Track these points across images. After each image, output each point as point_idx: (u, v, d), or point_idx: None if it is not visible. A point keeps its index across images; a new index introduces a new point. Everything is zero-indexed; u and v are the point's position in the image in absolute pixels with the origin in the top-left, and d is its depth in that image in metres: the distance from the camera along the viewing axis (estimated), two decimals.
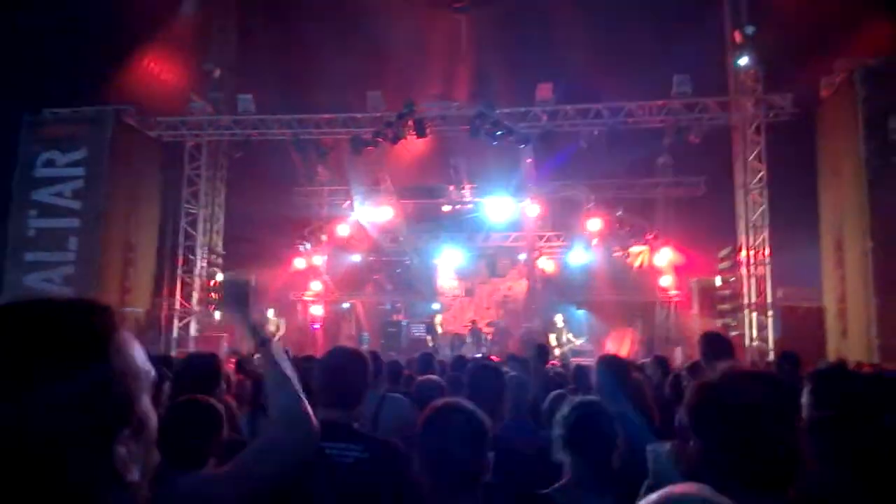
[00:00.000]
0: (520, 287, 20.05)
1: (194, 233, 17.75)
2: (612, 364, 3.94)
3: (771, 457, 1.50)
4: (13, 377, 0.80)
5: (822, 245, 14.19)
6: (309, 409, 1.79)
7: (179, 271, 17.47)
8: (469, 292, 20.48)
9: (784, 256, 15.40)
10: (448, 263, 20.19)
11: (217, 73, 17.73)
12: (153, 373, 0.96)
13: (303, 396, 1.80)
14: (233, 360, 6.20)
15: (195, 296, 17.54)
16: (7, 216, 15.23)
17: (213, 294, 17.76)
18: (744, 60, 15.64)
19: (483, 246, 19.93)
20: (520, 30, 17.04)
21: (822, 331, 13.56)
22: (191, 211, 17.77)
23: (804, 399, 2.84)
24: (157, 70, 16.70)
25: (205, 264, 17.85)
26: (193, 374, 3.50)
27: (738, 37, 15.55)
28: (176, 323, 17.07)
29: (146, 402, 0.93)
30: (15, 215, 15.26)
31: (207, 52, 17.83)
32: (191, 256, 17.69)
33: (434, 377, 4.53)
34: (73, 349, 0.85)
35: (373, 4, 16.32)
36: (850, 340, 12.65)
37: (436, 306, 19.36)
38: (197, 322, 17.44)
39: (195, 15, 17.53)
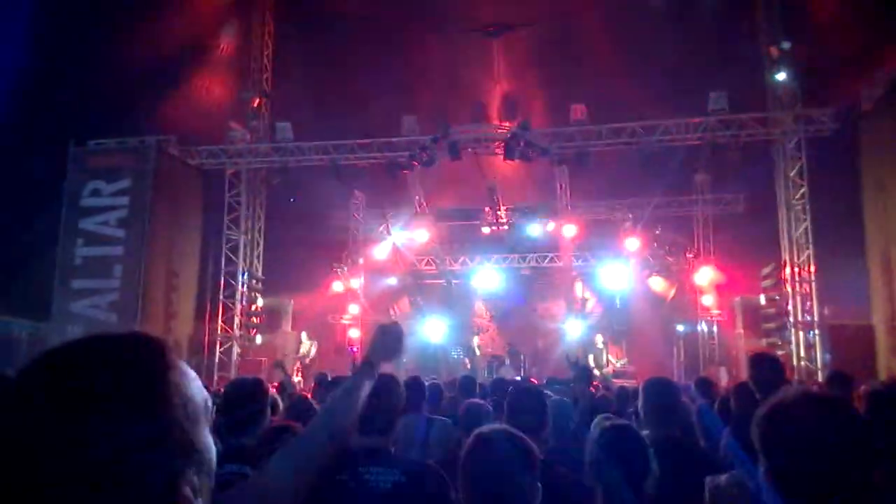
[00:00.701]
0: (558, 307, 19.88)
1: (235, 259, 18.02)
2: (658, 388, 3.82)
3: (843, 484, 1.45)
4: (77, 417, 0.80)
5: (868, 261, 13.81)
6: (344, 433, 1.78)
7: (221, 297, 17.72)
8: (506, 314, 20.37)
9: (829, 273, 15.03)
10: (485, 285, 20.13)
11: (255, 101, 18.11)
12: (210, 402, 0.97)
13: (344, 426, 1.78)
14: (275, 384, 6.27)
15: (236, 320, 17.77)
16: (55, 245, 15.66)
17: (253, 319, 17.98)
18: (781, 75, 15.44)
19: (520, 267, 19.85)
20: (552, 51, 17.07)
21: (871, 349, 13.15)
22: (231, 237, 18.06)
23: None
24: (197, 100, 17.12)
25: (245, 290, 18.09)
26: (240, 400, 3.51)
27: (774, 52, 15.36)
28: (218, 348, 17.29)
29: (206, 434, 0.92)
30: (63, 244, 15.69)
31: (245, 80, 18.25)
32: (231, 282, 17.95)
33: (480, 401, 4.49)
34: (134, 388, 0.85)
35: (407, 30, 16.56)
36: None
37: (473, 327, 19.30)
38: (238, 347, 17.64)
39: (232, 44, 17.98)
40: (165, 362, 0.90)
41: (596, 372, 14.93)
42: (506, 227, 19.50)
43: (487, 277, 19.87)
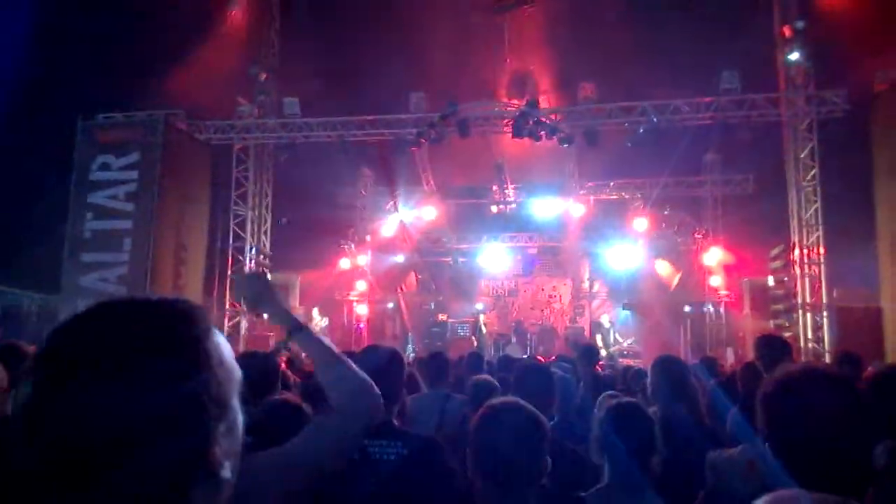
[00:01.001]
0: (565, 287, 19.91)
1: (243, 234, 18.07)
2: (668, 366, 3.82)
3: (848, 460, 1.46)
4: (120, 378, 0.82)
5: (878, 244, 13.73)
6: (367, 377, 1.73)
7: (229, 271, 17.79)
8: (513, 292, 20.41)
9: (839, 256, 14.96)
10: (492, 263, 20.15)
11: (262, 76, 18.02)
12: (240, 372, 0.98)
13: (357, 368, 1.74)
14: (283, 358, 6.29)
15: None
16: (65, 219, 15.73)
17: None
18: (794, 56, 15.24)
19: (527, 245, 19.84)
20: (561, 29, 16.89)
21: (879, 332, 13.12)
22: (239, 213, 18.10)
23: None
24: (205, 74, 17.03)
25: (253, 265, 18.15)
26: (248, 375, 3.52)
27: (787, 31, 15.16)
28: (226, 322, 17.39)
29: (236, 401, 0.95)
30: (72, 218, 15.75)
31: (253, 56, 18.15)
32: (239, 257, 18.02)
33: (488, 377, 4.50)
34: (176, 347, 0.87)
35: (415, 6, 16.40)
36: None
37: (479, 306, 19.35)
38: (246, 321, 17.75)
39: (240, 19, 17.87)
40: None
41: (603, 351, 14.97)
42: (513, 205, 19.46)
43: (494, 256, 19.88)
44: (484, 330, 17.92)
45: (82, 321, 0.89)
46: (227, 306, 17.59)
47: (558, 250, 19.94)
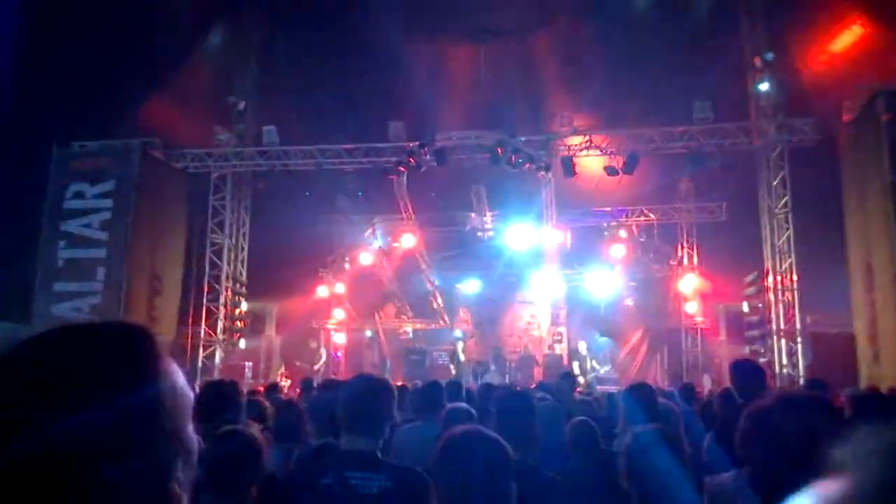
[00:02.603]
0: (543, 314, 19.93)
1: (219, 262, 17.92)
2: (638, 391, 3.88)
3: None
4: (62, 401, 0.78)
5: (850, 270, 13.95)
6: None
7: (204, 301, 17.61)
8: (492, 319, 20.39)
9: (811, 282, 15.19)
10: (470, 290, 20.14)
11: (241, 105, 18.04)
12: (193, 398, 0.95)
13: None
14: (261, 387, 6.23)
15: (220, 325, 17.65)
16: (37, 247, 15.51)
17: (236, 323, 17.89)
18: (764, 86, 15.63)
19: (505, 273, 19.87)
20: (539, 59, 17.17)
21: (852, 357, 13.28)
22: (216, 241, 17.97)
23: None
24: (183, 102, 17.02)
25: (229, 293, 17.99)
26: (210, 403, 3.43)
27: (757, 62, 15.54)
28: (201, 352, 17.16)
29: (190, 428, 0.91)
30: (45, 246, 15.54)
31: (231, 84, 18.18)
32: (216, 286, 17.85)
33: (463, 404, 4.46)
34: (124, 373, 0.83)
35: (394, 36, 16.57)
36: (881, 366, 12.39)
37: (458, 333, 19.29)
38: (221, 351, 17.53)
39: (220, 48, 17.93)
40: (155, 349, 0.89)
41: (581, 379, 14.98)
42: (491, 232, 19.53)
43: (472, 283, 19.88)
44: (462, 358, 17.86)
45: (26, 348, 0.84)
46: (203, 335, 17.37)
47: (536, 278, 19.98)
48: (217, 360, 17.34)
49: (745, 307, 16.39)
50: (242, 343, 17.89)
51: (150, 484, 0.81)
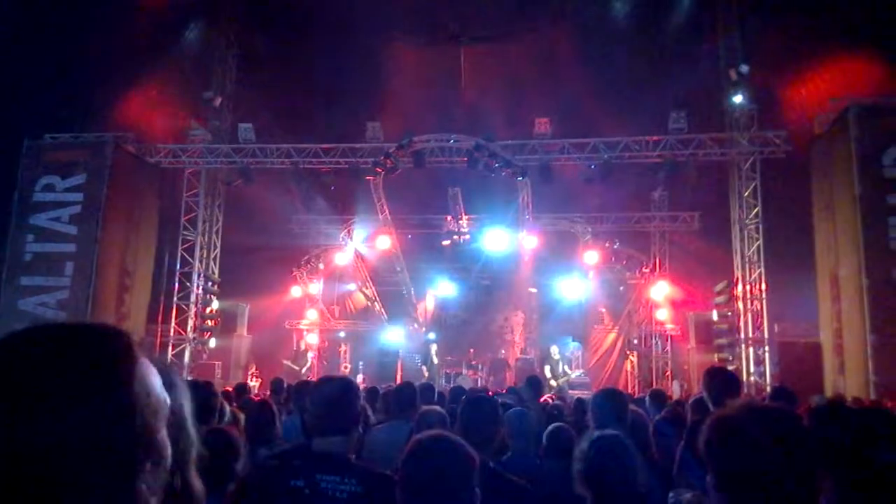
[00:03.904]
0: (516, 318, 20.00)
1: (191, 260, 17.72)
2: (608, 396, 3.89)
3: (786, 492, 1.49)
4: (33, 404, 0.77)
5: (818, 280, 14.23)
6: None
7: (175, 298, 17.40)
8: (466, 322, 20.40)
9: (780, 291, 15.44)
10: (444, 293, 20.15)
11: (217, 101, 17.86)
12: (168, 402, 0.95)
13: None
14: (229, 388, 6.18)
15: (190, 323, 17.45)
16: (4, 240, 15.21)
17: (207, 322, 17.70)
18: (738, 98, 15.87)
19: (480, 276, 19.91)
20: (518, 64, 17.25)
21: (819, 366, 13.53)
22: (188, 238, 17.76)
23: None
24: (158, 98, 16.83)
25: (200, 292, 17.79)
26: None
27: (732, 74, 15.78)
28: (170, 350, 16.95)
29: (164, 433, 0.90)
30: (12, 239, 15.25)
31: (208, 80, 18.01)
32: (186, 284, 17.64)
33: (437, 408, 4.46)
34: (95, 376, 0.82)
35: (372, 38, 16.55)
36: (847, 376, 12.64)
37: (431, 336, 19.27)
38: (191, 350, 17.33)
39: (197, 44, 17.75)
40: (131, 352, 0.88)
41: (553, 383, 15.06)
42: (467, 236, 19.55)
43: (447, 286, 19.90)
44: (436, 360, 17.85)
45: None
46: (172, 333, 17.16)
47: (510, 282, 20.06)
48: (187, 359, 17.13)
49: (715, 315, 16.62)
50: (213, 342, 17.70)
51: (118, 486, 0.81)
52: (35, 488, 0.75)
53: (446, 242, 19.52)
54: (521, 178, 16.04)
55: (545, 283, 19.37)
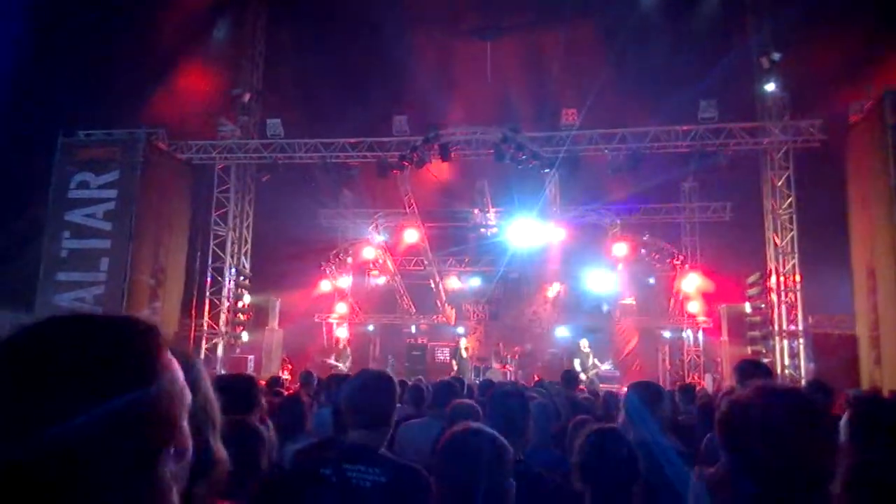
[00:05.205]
0: (545, 311, 19.95)
1: (222, 255, 17.94)
2: (642, 390, 3.84)
3: (802, 472, 1.47)
4: (57, 395, 0.79)
5: (853, 271, 13.94)
6: None
7: (207, 293, 17.64)
8: (494, 316, 20.40)
9: (814, 283, 15.17)
10: (472, 286, 20.17)
11: (246, 97, 18.05)
12: (190, 395, 0.96)
13: None
14: (262, 381, 6.25)
15: (223, 317, 17.69)
16: (41, 236, 15.54)
17: (239, 315, 17.92)
18: (770, 86, 15.58)
19: (508, 269, 19.88)
20: (544, 55, 17.15)
21: (855, 359, 13.28)
22: (219, 233, 17.99)
23: (842, 425, 2.79)
24: (188, 94, 17.04)
25: (232, 286, 18.01)
26: (228, 397, 3.43)
27: (764, 62, 15.49)
28: (203, 344, 17.20)
29: (186, 422, 0.92)
30: (49, 236, 15.57)
31: (236, 77, 18.20)
32: (218, 278, 17.88)
33: (469, 401, 4.47)
34: (119, 367, 0.84)
35: (399, 31, 16.56)
36: (883, 368, 12.38)
37: (460, 330, 19.31)
38: (224, 344, 17.57)
39: (225, 41, 17.94)
40: (158, 342, 0.90)
41: (582, 376, 15.00)
42: (494, 229, 19.52)
43: (475, 279, 19.91)
44: (465, 354, 17.89)
45: (27, 334, 0.86)
46: (206, 328, 17.41)
47: (539, 275, 20.00)
48: (220, 352, 17.38)
49: (748, 307, 16.37)
50: (245, 336, 17.92)
51: (141, 476, 0.83)
52: (58, 471, 0.77)
53: (473, 235, 19.52)
54: (547, 170, 15.94)
55: (574, 276, 19.27)
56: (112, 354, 0.85)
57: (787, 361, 14.95)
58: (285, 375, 16.23)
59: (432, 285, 19.98)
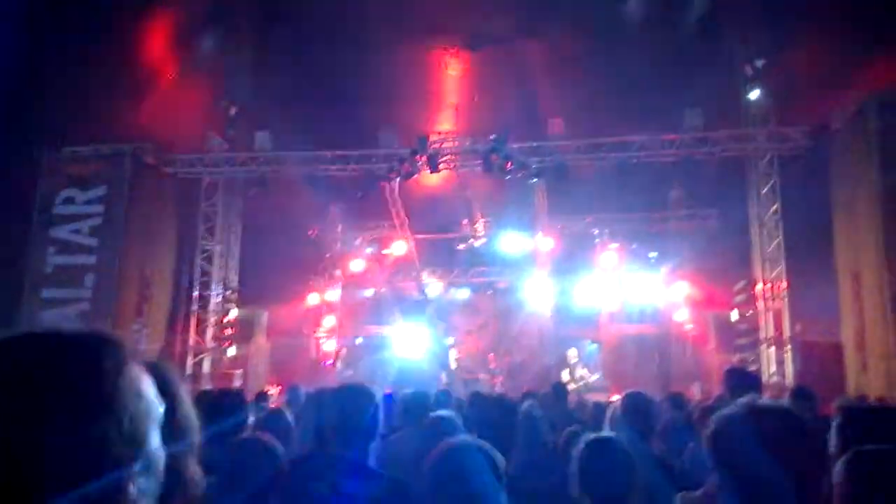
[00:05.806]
0: (534, 321, 19.94)
1: (210, 269, 17.85)
2: (630, 400, 3.82)
3: (791, 493, 1.48)
4: (19, 414, 0.78)
5: (839, 278, 14.03)
6: None
7: (194, 307, 17.52)
8: (482, 327, 20.37)
9: (801, 290, 15.25)
10: (461, 297, 20.14)
11: (233, 110, 18.01)
12: (162, 408, 0.95)
13: None
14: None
15: (209, 332, 17.57)
16: (26, 253, 15.41)
17: (226, 330, 17.81)
18: (755, 94, 15.72)
19: (496, 280, 19.88)
20: (530, 65, 17.20)
21: (841, 365, 13.34)
22: (206, 247, 17.90)
23: (832, 433, 2.80)
24: (175, 108, 16.97)
25: (219, 300, 17.91)
26: (214, 412, 3.42)
27: (748, 70, 15.63)
28: (190, 360, 17.07)
29: (156, 439, 0.91)
30: (34, 252, 15.44)
31: (224, 89, 18.15)
32: (206, 293, 17.76)
33: (447, 412, 4.44)
34: (82, 384, 0.83)
35: (385, 43, 16.59)
36: (869, 375, 12.45)
37: (450, 341, 19.26)
38: (211, 359, 17.44)
39: (212, 55, 17.91)
40: (120, 359, 0.89)
41: (571, 385, 15.00)
42: (483, 239, 19.53)
43: (464, 290, 19.89)
44: (453, 366, 17.85)
45: None
46: (192, 343, 17.28)
47: (527, 285, 19.99)
48: (206, 367, 17.24)
49: (735, 315, 16.44)
50: (232, 350, 17.80)
51: (105, 493, 0.81)
52: (17, 490, 0.76)
53: (462, 246, 19.52)
54: (535, 180, 15.98)
55: (562, 285, 19.28)
56: (74, 371, 0.84)
57: (773, 368, 15.00)
58: (272, 390, 16.12)
59: (421, 297, 19.92)
